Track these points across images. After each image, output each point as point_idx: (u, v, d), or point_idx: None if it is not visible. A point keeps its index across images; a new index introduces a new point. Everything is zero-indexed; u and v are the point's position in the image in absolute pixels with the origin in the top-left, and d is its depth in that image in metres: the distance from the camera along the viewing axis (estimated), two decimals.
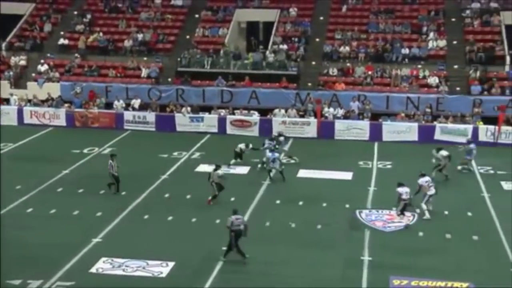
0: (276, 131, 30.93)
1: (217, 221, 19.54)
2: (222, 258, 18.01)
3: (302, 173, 26.92)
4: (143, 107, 35.12)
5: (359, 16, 41.39)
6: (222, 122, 33.71)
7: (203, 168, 27.26)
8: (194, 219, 21.36)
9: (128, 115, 34.54)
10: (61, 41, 40.83)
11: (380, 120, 33.35)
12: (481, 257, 18.86)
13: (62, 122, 34.83)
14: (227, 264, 17.94)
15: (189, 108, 34.49)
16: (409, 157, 28.71)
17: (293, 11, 41.64)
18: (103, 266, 17.71)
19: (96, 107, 35.21)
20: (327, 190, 24.64)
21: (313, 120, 33.35)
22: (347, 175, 26.68)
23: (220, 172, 23.35)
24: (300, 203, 23.17)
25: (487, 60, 36.67)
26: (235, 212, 18.25)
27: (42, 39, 41.49)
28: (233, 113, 34.31)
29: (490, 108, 33.24)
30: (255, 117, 33.85)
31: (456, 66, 37.24)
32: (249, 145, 27.83)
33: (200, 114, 34.26)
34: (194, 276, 17.29)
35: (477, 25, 39.46)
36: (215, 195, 22.87)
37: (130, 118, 34.48)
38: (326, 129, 32.95)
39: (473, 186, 25.64)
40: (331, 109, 33.96)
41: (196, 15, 42.54)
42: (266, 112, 34.32)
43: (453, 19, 40.43)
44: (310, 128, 33.19)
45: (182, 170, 27.40)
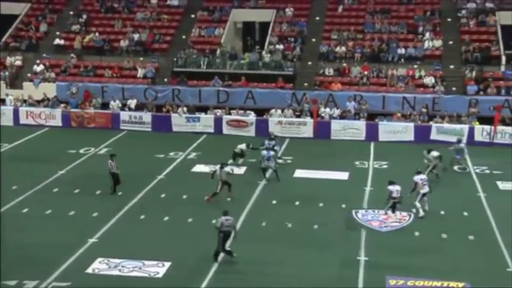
0: (269, 132, 30.90)
1: (214, 221, 19.45)
2: (215, 262, 17.96)
3: (299, 173, 26.93)
4: (139, 107, 35.08)
5: (355, 16, 41.41)
6: (219, 122, 33.70)
7: (200, 168, 27.33)
8: (191, 219, 21.34)
9: (124, 115, 34.50)
10: (57, 41, 40.75)
11: (376, 120, 33.38)
12: (477, 257, 18.89)
13: (58, 123, 34.78)
14: (223, 265, 17.93)
15: (185, 108, 34.47)
16: (405, 157, 28.70)
17: (289, 11, 41.64)
18: (99, 267, 17.68)
19: (92, 107, 35.18)
20: (324, 190, 24.64)
21: (309, 120, 33.37)
22: (344, 175, 26.71)
23: (228, 169, 23.49)
24: (297, 203, 23.18)
25: (483, 60, 36.74)
26: (226, 213, 18.21)
27: (38, 39, 41.39)
28: (230, 113, 34.30)
29: (486, 108, 33.30)
30: (252, 117, 33.84)
31: (452, 66, 37.30)
32: (250, 145, 27.79)
33: (196, 114, 34.25)
34: (190, 276, 17.27)
35: (473, 25, 39.53)
36: (216, 193, 22.87)
37: (126, 118, 34.45)
38: (322, 129, 32.97)
39: (469, 186, 25.68)
40: (327, 109, 33.98)
41: (192, 15, 42.51)
42: (263, 112, 34.32)
43: (449, 19, 40.49)
44: (306, 128, 33.20)
45: (179, 170, 27.38)
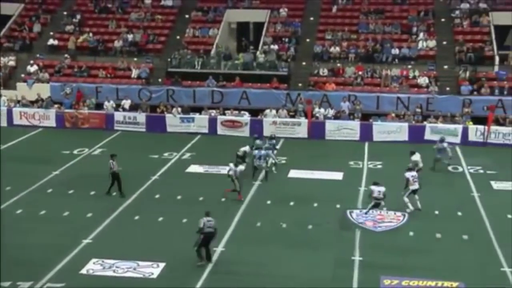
0: (271, 133, 30.80)
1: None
2: (210, 263, 17.91)
3: (293, 174, 26.93)
4: (134, 108, 35.02)
5: (349, 17, 41.44)
6: (213, 123, 33.67)
7: (194, 169, 27.33)
8: (185, 220, 21.30)
9: (119, 116, 34.43)
10: (51, 42, 40.63)
11: (371, 120, 33.43)
12: (471, 257, 18.93)
13: (52, 123, 34.69)
14: (218, 265, 17.93)
15: (180, 109, 34.43)
16: (400, 157, 28.56)
17: (284, 12, 41.65)
18: (94, 267, 17.65)
19: (86, 108, 35.10)
20: (318, 190, 24.66)
21: (304, 121, 33.38)
22: (338, 175, 26.73)
23: (243, 167, 23.76)
24: (291, 204, 23.18)
25: (477, 61, 36.83)
26: (208, 214, 18.12)
27: (32, 40, 41.28)
28: (224, 114, 34.28)
29: (480, 108, 33.38)
30: (246, 118, 33.82)
31: (446, 67, 37.39)
32: (253, 146, 27.60)
33: (191, 115, 34.21)
34: (185, 277, 17.25)
35: (467, 26, 39.62)
36: (235, 190, 23.33)
37: (121, 119, 34.39)
38: (317, 130, 32.98)
39: (463, 186, 25.74)
40: (322, 110, 33.99)
41: (186, 16, 42.48)
42: (257, 113, 34.31)
43: (443, 20, 40.58)
44: (301, 129, 33.21)
45: (173, 171, 27.34)
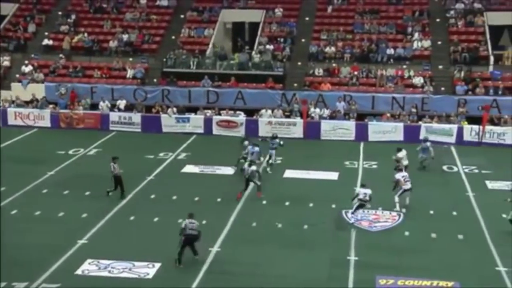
0: (272, 133, 30.13)
1: (204, 222, 19.49)
2: (196, 257, 17.91)
3: (289, 174, 26.93)
4: (129, 108, 34.98)
5: (345, 17, 41.46)
6: (208, 123, 33.65)
7: (189, 169, 27.30)
8: (180, 220, 21.17)
9: (114, 116, 34.38)
10: (46, 42, 40.54)
11: (366, 120, 33.46)
12: (466, 256, 18.96)
13: (47, 123, 34.62)
14: (214, 265, 17.92)
15: (175, 109, 34.39)
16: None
17: (279, 12, 41.66)
18: (89, 268, 17.62)
19: (81, 108, 35.04)
20: (314, 190, 24.66)
21: (299, 121, 33.38)
22: (333, 175, 26.73)
23: (254, 167, 23.86)
24: (287, 203, 23.18)
25: (471, 61, 36.90)
26: (191, 216, 18.10)
27: (26, 40, 41.17)
28: (219, 114, 34.26)
29: (475, 108, 33.43)
30: (241, 118, 33.81)
31: (441, 67, 37.46)
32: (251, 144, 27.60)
33: (186, 115, 34.19)
34: (180, 277, 17.24)
35: (461, 26, 39.69)
36: (259, 186, 23.73)
37: (116, 119, 34.33)
38: (312, 130, 32.99)
39: (458, 186, 25.78)
40: (317, 110, 34.01)
41: (182, 16, 42.43)
42: (252, 113, 34.30)
43: (438, 20, 40.66)
44: (296, 129, 33.21)
45: (168, 171, 27.31)
